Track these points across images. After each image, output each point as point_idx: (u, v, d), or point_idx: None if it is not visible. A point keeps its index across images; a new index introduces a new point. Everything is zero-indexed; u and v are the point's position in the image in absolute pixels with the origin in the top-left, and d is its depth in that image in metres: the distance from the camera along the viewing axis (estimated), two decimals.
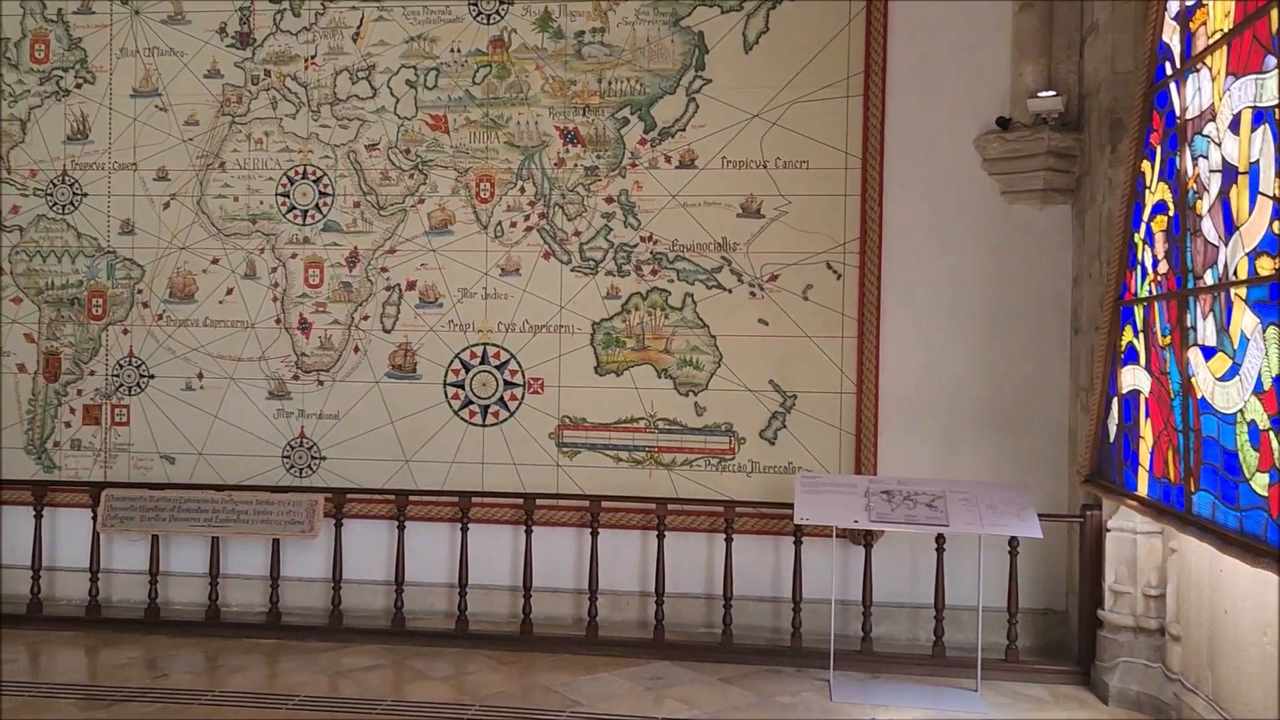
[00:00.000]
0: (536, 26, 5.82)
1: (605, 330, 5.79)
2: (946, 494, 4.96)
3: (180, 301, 6.10)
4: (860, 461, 5.56)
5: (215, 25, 6.06)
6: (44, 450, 6.19)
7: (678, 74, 5.72)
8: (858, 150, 5.57)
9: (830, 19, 5.58)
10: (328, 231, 6.00)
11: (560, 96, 5.81)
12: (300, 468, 6.01)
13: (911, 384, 5.58)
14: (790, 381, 5.66)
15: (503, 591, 5.84)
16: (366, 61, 5.96)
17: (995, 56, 5.49)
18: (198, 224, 6.09)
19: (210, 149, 6.08)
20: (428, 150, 5.92)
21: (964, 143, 5.52)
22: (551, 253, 5.83)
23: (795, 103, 5.62)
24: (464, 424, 5.90)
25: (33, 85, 6.19)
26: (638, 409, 5.77)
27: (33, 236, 6.20)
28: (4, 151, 6.22)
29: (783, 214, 5.65)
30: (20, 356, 6.22)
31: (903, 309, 5.58)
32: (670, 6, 5.72)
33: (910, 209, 5.57)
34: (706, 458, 5.72)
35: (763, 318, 5.68)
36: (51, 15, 6.18)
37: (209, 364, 6.08)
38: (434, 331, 5.92)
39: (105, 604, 5.91)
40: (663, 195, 5.74)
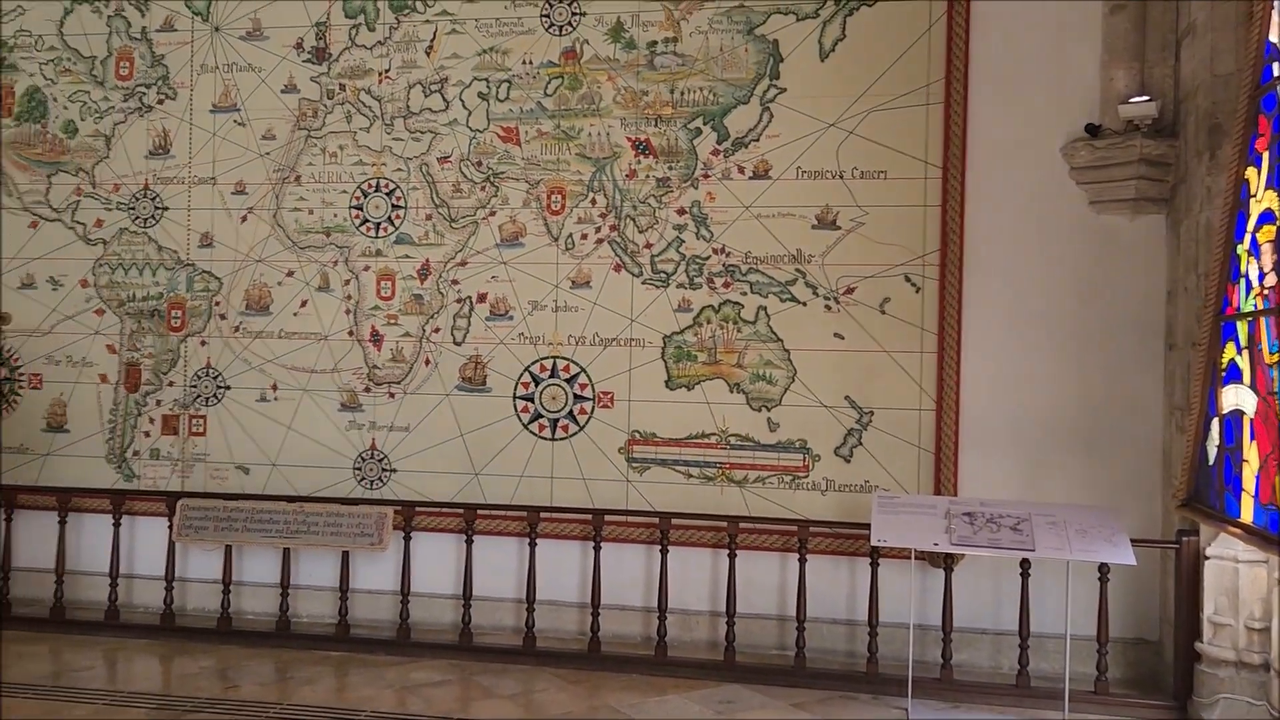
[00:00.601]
0: (609, 37, 5.77)
1: (676, 344, 5.69)
2: (1032, 517, 4.75)
3: (256, 313, 6.17)
4: (940, 481, 5.37)
5: (292, 41, 6.13)
6: (124, 459, 6.30)
7: (751, 83, 5.62)
8: (938, 159, 5.40)
9: (910, 24, 5.43)
10: (400, 244, 6.01)
11: (632, 107, 5.74)
12: (371, 480, 6.02)
13: (994, 401, 5.37)
14: (867, 397, 5.49)
15: (571, 608, 5.77)
16: (439, 74, 5.96)
17: (1083, 61, 5.28)
18: (273, 237, 6.15)
19: (286, 163, 6.14)
20: (499, 162, 5.90)
21: (1050, 151, 5.31)
22: (622, 265, 5.76)
23: (873, 111, 5.47)
24: (533, 437, 5.84)
25: (117, 102, 6.33)
26: (709, 424, 5.66)
27: (115, 250, 6.33)
28: (90, 167, 6.36)
29: (859, 225, 5.50)
30: (102, 367, 6.34)
31: (985, 323, 5.38)
32: (744, 15, 5.62)
33: (993, 220, 5.37)
34: (779, 475, 5.58)
35: (838, 331, 5.52)
36: (136, 33, 6.31)
37: (283, 375, 6.13)
38: (504, 344, 5.89)
39: (180, 612, 5.98)
40: (736, 206, 5.63)
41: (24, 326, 6.42)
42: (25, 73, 6.44)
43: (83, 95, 6.37)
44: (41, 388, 6.40)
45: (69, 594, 6.01)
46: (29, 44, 6.44)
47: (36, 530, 6.18)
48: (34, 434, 6.40)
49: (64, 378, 6.38)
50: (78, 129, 6.37)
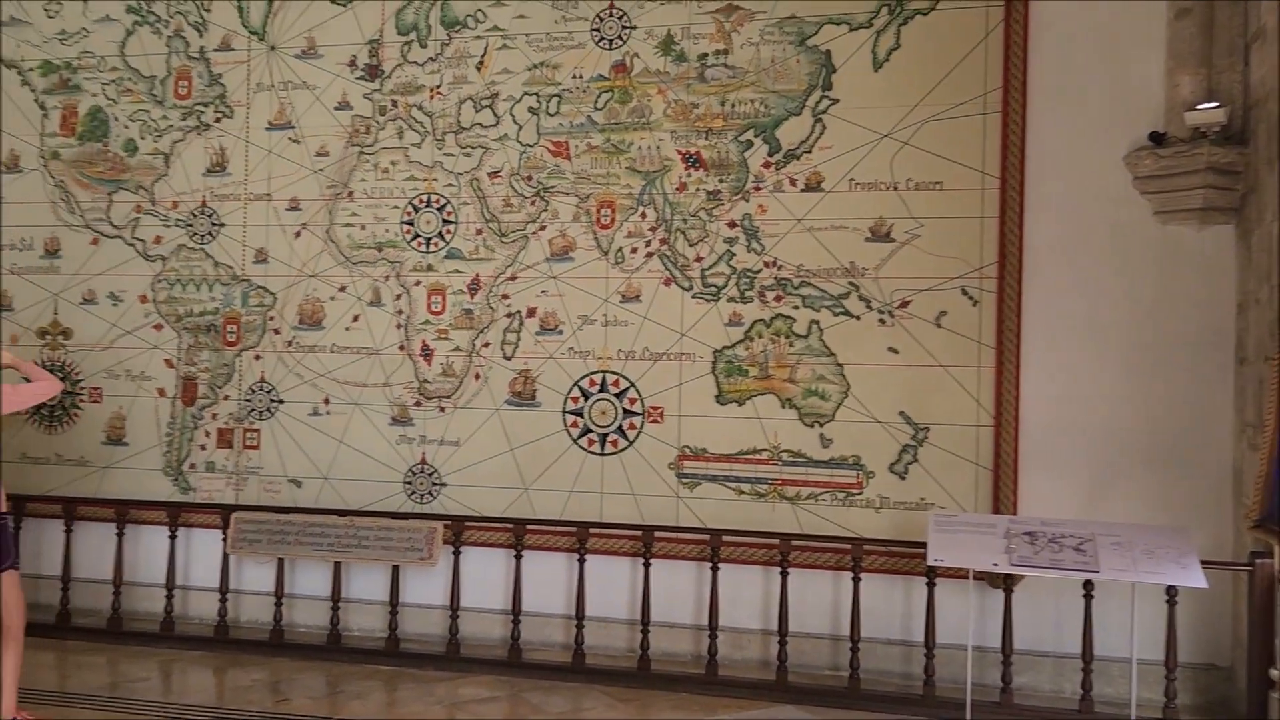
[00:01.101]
0: (659, 50, 5.74)
1: (727, 358, 5.63)
2: (1096, 537, 4.59)
3: (309, 328, 6.22)
4: (999, 500, 5.23)
5: (346, 58, 6.19)
6: (180, 472, 6.38)
7: (803, 94, 5.55)
8: (996, 169, 5.28)
9: (966, 33, 5.33)
10: (450, 259, 6.03)
11: (682, 120, 5.70)
12: (421, 494, 6.02)
13: (1056, 417, 5.22)
14: (922, 413, 5.37)
15: (620, 625, 5.71)
16: (490, 90, 5.98)
17: (1147, 67, 5.13)
18: (326, 252, 6.20)
19: (339, 179, 6.20)
20: (549, 177, 5.89)
21: (1113, 160, 5.16)
22: (672, 279, 5.71)
23: (928, 121, 5.37)
24: (583, 452, 5.81)
25: (176, 120, 6.44)
26: (760, 440, 5.57)
27: (174, 265, 6.43)
28: (149, 184, 6.47)
29: (914, 237, 5.40)
30: (160, 381, 6.43)
31: (1046, 337, 5.24)
32: (796, 26, 5.56)
33: (1054, 231, 5.24)
34: (832, 492, 5.48)
35: (893, 346, 5.42)
36: (194, 53, 6.42)
37: (335, 390, 6.17)
38: (554, 359, 5.86)
39: (233, 624, 6.02)
40: (787, 219, 5.56)
41: (85, 341, 6.54)
42: (88, 93, 6.59)
43: (143, 114, 6.49)
44: (101, 401, 6.51)
45: (126, 605, 6.09)
46: (92, 65, 6.58)
47: (96, 541, 6.28)
48: (94, 447, 6.51)
49: (123, 392, 6.48)
50: (138, 147, 6.49)
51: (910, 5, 5.42)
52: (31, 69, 6.67)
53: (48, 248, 6.61)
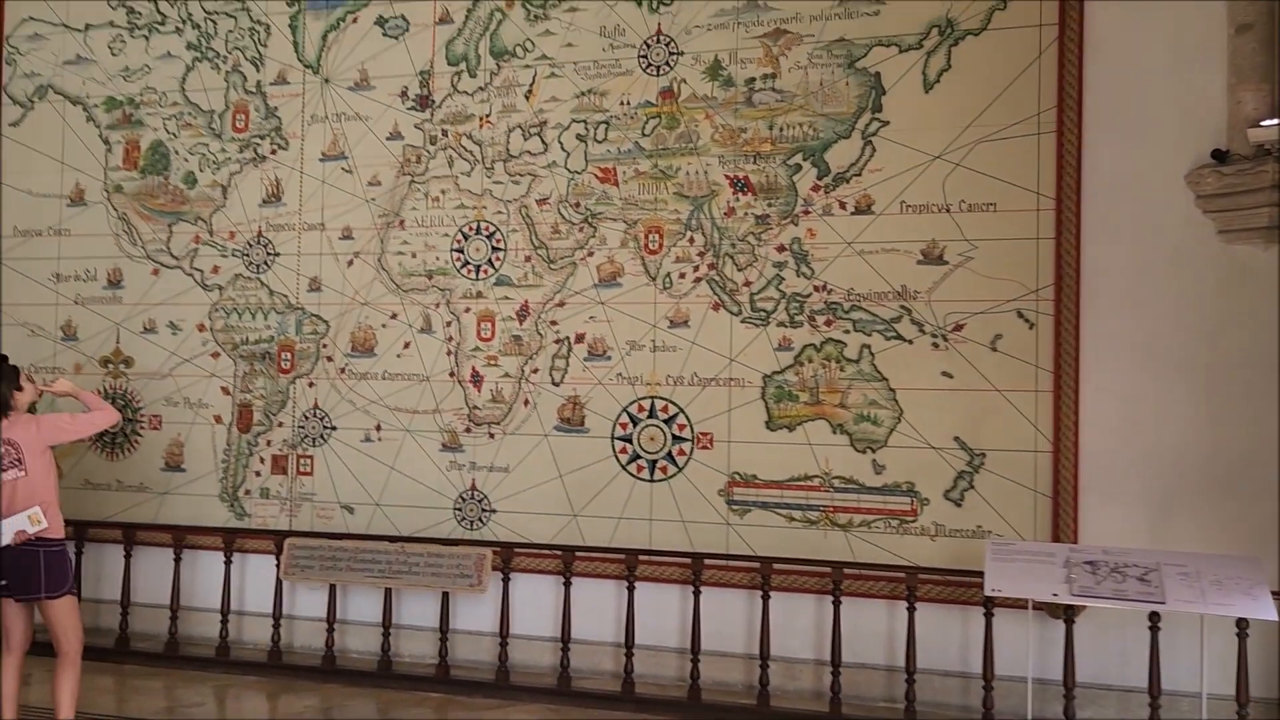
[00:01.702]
0: (706, 75, 5.74)
1: (777, 383, 5.57)
2: (1161, 566, 4.45)
3: (361, 355, 6.28)
4: (1059, 527, 5.08)
5: (397, 90, 6.28)
6: (236, 498, 6.47)
7: (853, 117, 5.50)
8: (1051, 190, 5.18)
9: (1018, 52, 5.25)
10: (500, 285, 6.06)
11: (730, 145, 5.69)
12: (471, 520, 6.03)
13: (1117, 442, 5.08)
14: (978, 439, 5.26)
15: (670, 653, 5.65)
16: (538, 118, 6.02)
17: (1208, 83, 5.01)
18: (378, 280, 6.27)
19: (391, 208, 6.27)
20: (597, 203, 5.91)
21: (1173, 179, 5.04)
22: (721, 304, 5.67)
23: (980, 142, 5.29)
24: (632, 479, 5.78)
25: (233, 153, 6.58)
26: (811, 466, 5.50)
27: (230, 295, 6.55)
28: (208, 216, 6.61)
29: (968, 260, 5.30)
30: (217, 408, 6.54)
31: (1106, 360, 5.11)
32: (845, 49, 5.53)
33: (1112, 252, 5.11)
34: (886, 519, 5.38)
35: (946, 370, 5.32)
36: (251, 88, 6.56)
37: (387, 416, 6.22)
38: (602, 384, 5.85)
39: (286, 649, 6.07)
40: (837, 243, 5.51)
41: (145, 370, 6.68)
42: (150, 128, 6.76)
43: (202, 147, 6.64)
44: (161, 429, 6.64)
45: (183, 630, 6.18)
46: (154, 101, 6.76)
47: (154, 566, 6.39)
48: (153, 473, 6.63)
49: (181, 419, 6.60)
50: (197, 180, 6.64)
51: (961, 26, 5.35)
52: (96, 105, 6.87)
53: (110, 278, 6.78)
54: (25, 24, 7.04)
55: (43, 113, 6.97)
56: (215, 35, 6.64)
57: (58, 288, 6.88)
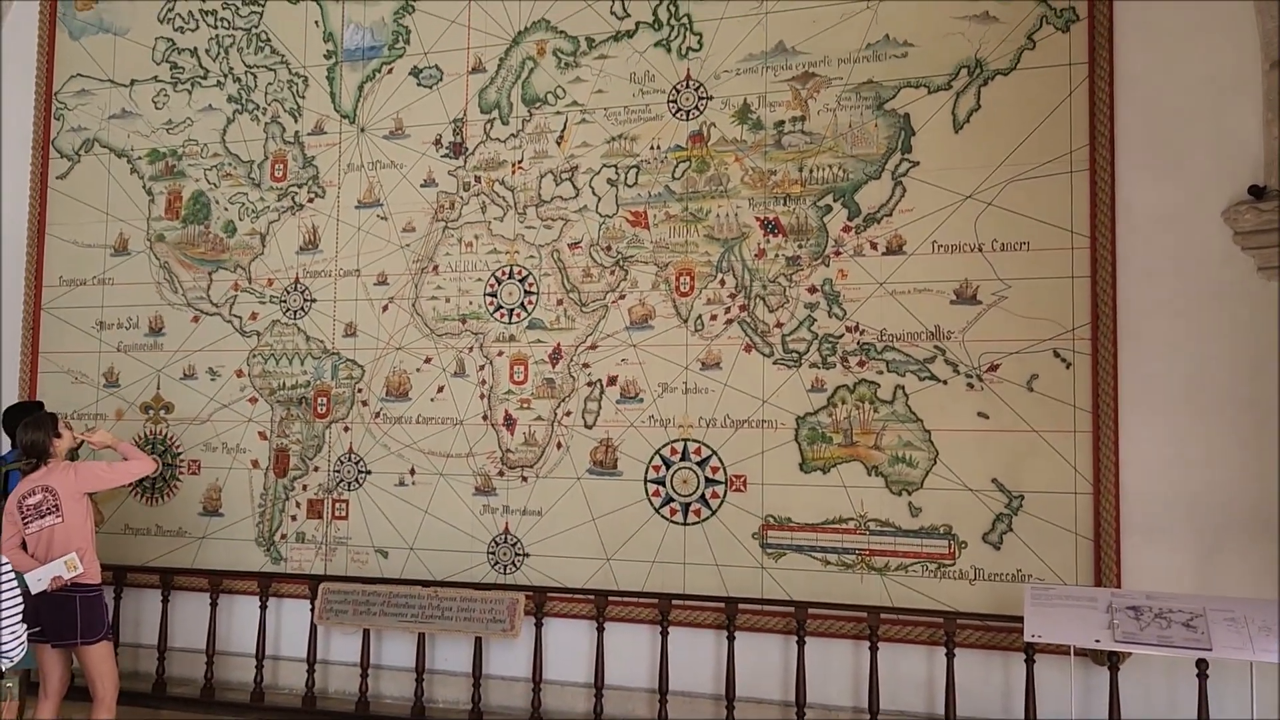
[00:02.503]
0: (735, 119, 5.78)
1: (810, 425, 5.53)
2: (1207, 612, 4.33)
3: (395, 400, 6.33)
4: (1100, 571, 4.97)
5: (431, 138, 6.38)
6: (272, 542, 6.51)
7: (882, 158, 5.50)
8: (1085, 228, 5.13)
9: (1048, 91, 5.23)
10: (532, 329, 6.09)
11: (760, 187, 5.70)
12: (505, 564, 6.02)
13: (1159, 483, 4.97)
14: (1016, 480, 5.17)
15: (705, 699, 5.57)
16: (570, 163, 6.08)
17: (1243, 120, 4.95)
18: (412, 325, 6.33)
19: (425, 253, 6.34)
20: (628, 246, 5.94)
21: (1210, 215, 4.97)
22: (753, 345, 5.66)
23: (1012, 181, 5.27)
24: (665, 522, 5.74)
25: (272, 202, 6.70)
26: (846, 509, 5.43)
27: (268, 341, 6.64)
28: (246, 263, 6.73)
29: (1001, 299, 5.26)
30: (254, 453, 6.61)
31: (1145, 400, 5.02)
32: (873, 90, 5.54)
33: (1149, 290, 5.05)
34: (923, 562, 5.29)
35: (982, 411, 5.25)
36: (289, 138, 6.69)
37: (420, 460, 6.24)
38: (634, 427, 5.84)
39: (321, 695, 6.08)
40: (869, 283, 5.48)
41: (185, 415, 6.78)
42: (191, 178, 6.91)
43: (241, 197, 6.77)
44: (199, 474, 6.71)
45: (219, 675, 6.21)
46: (196, 152, 6.92)
47: (191, 611, 6.44)
48: (191, 518, 6.69)
49: (219, 464, 6.67)
50: (236, 228, 6.77)
51: (990, 66, 5.35)
52: (140, 157, 7.04)
53: (152, 326, 6.90)
54: (73, 80, 7.25)
55: (89, 165, 7.16)
56: (255, 88, 6.80)
57: (101, 335, 7.02)
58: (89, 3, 7.29)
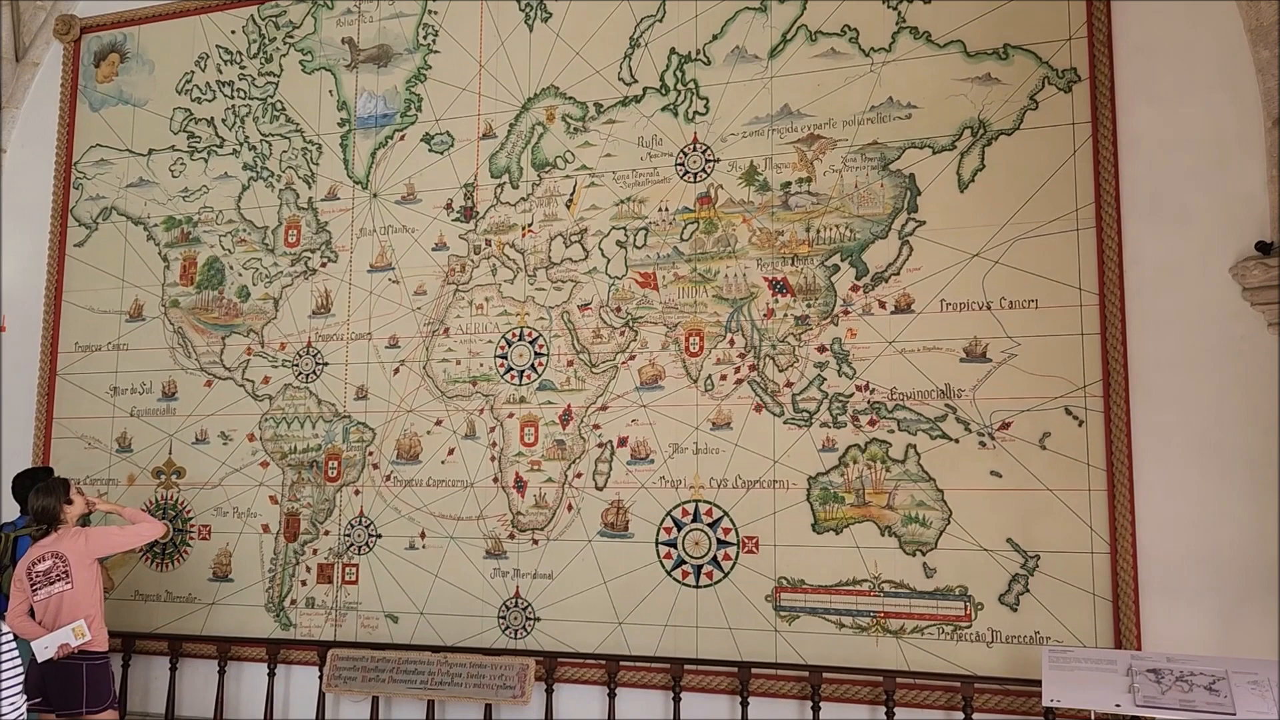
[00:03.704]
0: (742, 180, 5.84)
1: (822, 485, 5.49)
2: (1230, 675, 4.23)
3: (406, 462, 6.33)
4: (1120, 633, 4.88)
5: (443, 202, 6.46)
6: (282, 608, 6.46)
7: (889, 218, 5.54)
8: (1093, 285, 5.13)
9: (1052, 150, 5.27)
10: (543, 390, 6.10)
11: (768, 247, 5.74)
12: (515, 629, 5.95)
13: (1177, 542, 4.90)
14: (1031, 540, 5.11)
15: None
16: (579, 226, 6.14)
17: (1248, 176, 4.97)
18: (423, 388, 6.35)
19: (436, 316, 6.39)
20: (637, 307, 5.96)
21: (1218, 271, 4.97)
22: (763, 405, 5.65)
23: (1018, 239, 5.28)
24: (677, 585, 5.68)
25: (285, 267, 6.78)
26: (860, 570, 5.37)
27: (280, 405, 6.67)
28: (259, 328, 6.78)
29: (1011, 356, 5.24)
30: (265, 517, 6.60)
31: (1160, 457, 4.97)
32: (878, 151, 5.60)
33: (1160, 346, 5.02)
34: (939, 625, 5.21)
35: (995, 469, 5.21)
36: (303, 204, 6.79)
37: (431, 523, 6.22)
38: (645, 488, 5.81)
39: None
40: (878, 342, 5.48)
41: (196, 480, 6.79)
42: (207, 245, 7.01)
43: (255, 262, 6.86)
44: (210, 539, 6.70)
45: None
46: (211, 219, 7.02)
47: (200, 678, 6.39)
48: (201, 583, 6.67)
49: (230, 528, 6.66)
50: (250, 293, 6.84)
51: (994, 126, 5.40)
52: (156, 225, 7.15)
53: (165, 390, 6.95)
54: (93, 150, 7.40)
55: (106, 233, 7.28)
56: (270, 155, 6.92)
57: (115, 400, 7.07)
58: (110, 75, 7.46)
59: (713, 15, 5.97)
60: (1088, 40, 5.26)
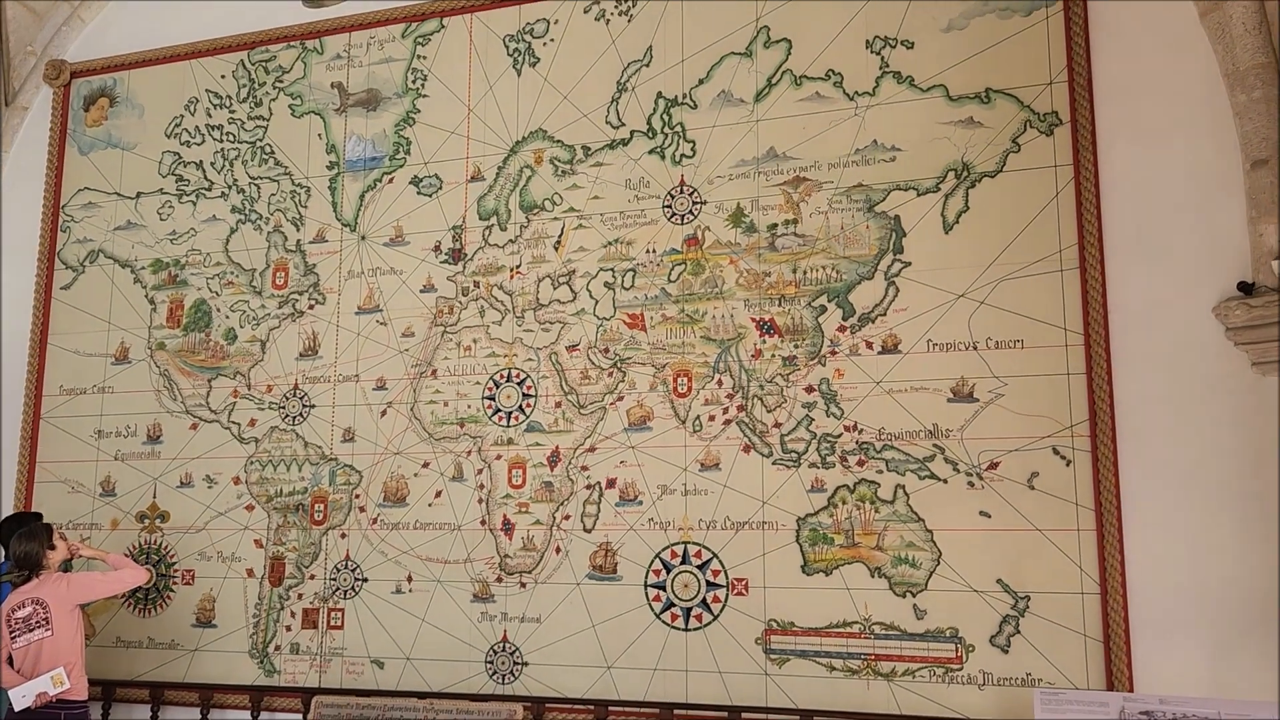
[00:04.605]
0: (729, 222, 5.87)
1: (811, 526, 5.47)
2: (1223, 716, 4.21)
3: (393, 505, 6.28)
4: (1112, 674, 4.86)
5: (431, 244, 6.48)
6: (265, 654, 6.38)
7: (875, 259, 5.57)
8: (1078, 325, 5.16)
9: (1035, 192, 5.33)
10: (530, 432, 6.08)
11: (755, 288, 5.76)
12: (503, 674, 5.88)
13: (1167, 582, 4.89)
14: (1021, 581, 5.09)
15: None
16: (567, 267, 6.16)
17: (1229, 217, 5.03)
18: (411, 429, 6.32)
19: (424, 358, 6.38)
20: (626, 348, 5.97)
21: (1202, 311, 5.01)
22: (751, 445, 5.64)
23: (1004, 280, 5.32)
24: (666, 628, 5.63)
25: (273, 309, 6.77)
26: (850, 612, 5.34)
27: (266, 447, 6.62)
28: (246, 370, 6.76)
29: (998, 396, 5.26)
30: (249, 562, 6.53)
31: (1148, 496, 4.98)
32: (864, 193, 5.65)
33: (1146, 386, 5.05)
34: (930, 667, 5.17)
35: (984, 510, 5.20)
36: (291, 246, 6.80)
37: (418, 567, 6.16)
38: (634, 530, 5.78)
39: None
40: (866, 382, 5.49)
41: (180, 524, 6.72)
42: (194, 287, 7.00)
43: (243, 304, 6.85)
44: (194, 584, 6.62)
45: None
46: (198, 261, 7.02)
47: None
48: (184, 629, 6.57)
49: (214, 573, 6.59)
50: (237, 336, 6.82)
51: (977, 169, 5.46)
52: (144, 267, 7.15)
53: (150, 433, 6.90)
54: (80, 194, 7.41)
55: (92, 276, 7.26)
56: (259, 198, 6.93)
57: (99, 444, 7.01)
58: (99, 119, 7.49)
59: (699, 60, 6.05)
60: (1068, 84, 5.34)
